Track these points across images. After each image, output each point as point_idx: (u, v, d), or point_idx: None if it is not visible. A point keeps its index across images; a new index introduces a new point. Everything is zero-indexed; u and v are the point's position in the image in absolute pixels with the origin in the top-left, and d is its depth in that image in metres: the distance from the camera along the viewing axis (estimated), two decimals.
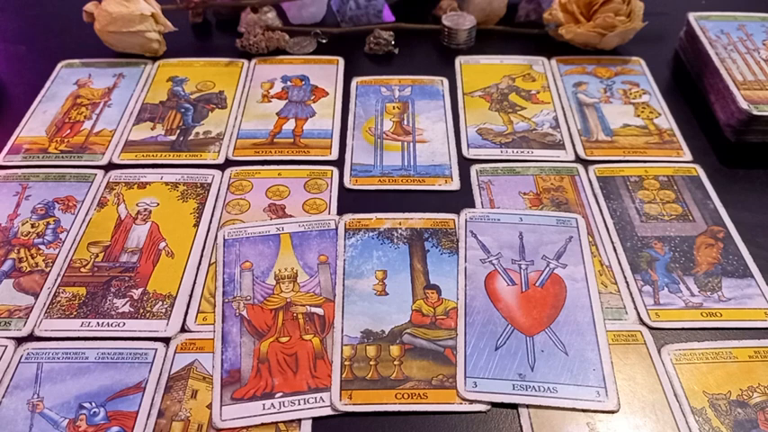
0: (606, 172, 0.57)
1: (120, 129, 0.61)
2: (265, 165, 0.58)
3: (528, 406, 0.41)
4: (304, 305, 0.47)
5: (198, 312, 0.46)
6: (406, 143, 0.60)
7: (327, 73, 0.68)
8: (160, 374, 0.43)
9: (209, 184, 0.56)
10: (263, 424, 0.40)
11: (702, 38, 0.65)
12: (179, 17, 0.72)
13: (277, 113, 0.63)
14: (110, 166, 0.58)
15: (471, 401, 0.41)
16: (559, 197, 0.55)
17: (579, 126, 0.62)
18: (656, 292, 0.48)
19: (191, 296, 0.47)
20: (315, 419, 0.41)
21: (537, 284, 0.48)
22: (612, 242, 0.51)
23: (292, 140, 0.60)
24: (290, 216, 0.53)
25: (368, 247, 0.50)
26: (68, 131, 0.61)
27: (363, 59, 0.70)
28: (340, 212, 0.53)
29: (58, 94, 0.65)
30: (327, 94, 0.65)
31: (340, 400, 0.41)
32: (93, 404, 0.41)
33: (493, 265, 0.49)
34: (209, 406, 0.41)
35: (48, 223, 0.52)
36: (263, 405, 0.41)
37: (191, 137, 0.60)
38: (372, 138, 0.60)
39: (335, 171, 0.57)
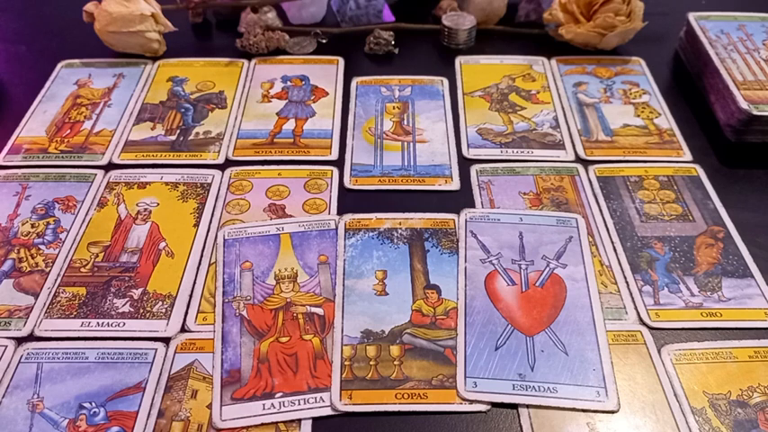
0: (606, 172, 0.57)
1: (120, 129, 0.61)
2: (265, 165, 0.58)
3: (528, 406, 0.41)
4: (304, 305, 0.47)
5: (198, 312, 0.46)
6: (406, 143, 0.60)
7: (327, 73, 0.68)
8: (160, 374, 0.43)
9: (209, 184, 0.56)
10: (263, 424, 0.40)
11: (702, 38, 0.65)
12: (179, 17, 0.72)
13: (277, 113, 0.63)
14: (110, 166, 0.58)
15: (471, 401, 0.41)
16: (559, 197, 0.55)
17: (579, 126, 0.62)
18: (656, 292, 0.48)
19: (191, 296, 0.47)
20: (315, 419, 0.41)
21: (537, 284, 0.48)
22: (612, 242, 0.51)
23: (292, 140, 0.60)
24: (290, 216, 0.53)
25: (368, 247, 0.50)
26: (68, 131, 0.61)
27: (363, 59, 0.70)
28: (340, 212, 0.53)
29: (58, 94, 0.65)
30: (327, 94, 0.65)
31: (340, 400, 0.41)
32: (93, 404, 0.41)
33: (493, 265, 0.49)
34: (210, 406, 0.41)
35: (48, 223, 0.52)
36: (263, 405, 0.41)
37: (191, 137, 0.60)
38: (372, 138, 0.60)
39: (335, 171, 0.57)
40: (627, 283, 0.48)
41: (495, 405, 0.41)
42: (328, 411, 0.41)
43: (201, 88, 0.66)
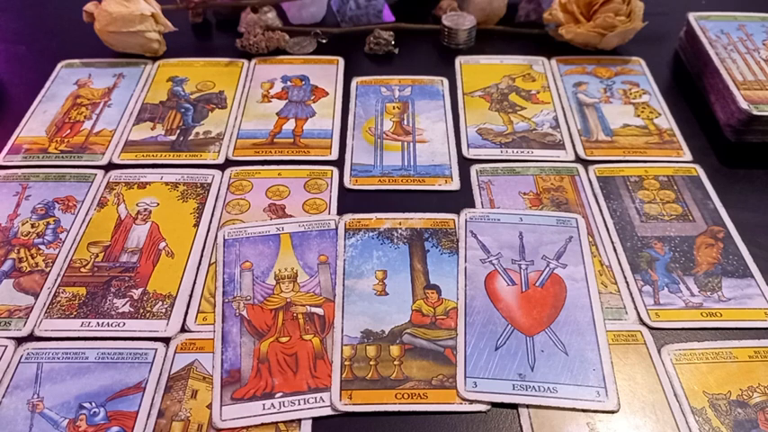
0: (606, 172, 0.57)
1: (120, 129, 0.61)
2: (265, 165, 0.58)
3: (528, 406, 0.41)
4: (304, 305, 0.47)
5: (198, 312, 0.46)
6: (406, 143, 0.60)
7: (327, 73, 0.68)
8: (160, 374, 0.43)
9: (209, 184, 0.56)
10: (263, 424, 0.40)
11: (702, 38, 0.65)
12: (179, 17, 0.72)
13: (277, 113, 0.63)
14: (110, 166, 0.58)
15: (471, 401, 0.41)
16: (559, 197, 0.55)
17: (579, 126, 0.62)
18: (656, 292, 0.48)
19: (191, 296, 0.47)
20: (315, 419, 0.41)
21: (537, 284, 0.48)
22: (612, 242, 0.51)
23: (292, 140, 0.60)
24: (290, 216, 0.53)
25: (368, 247, 0.50)
26: (68, 131, 0.61)
27: (363, 59, 0.70)
28: (340, 212, 0.53)
29: (58, 94, 0.65)
30: (327, 94, 0.65)
31: (340, 400, 0.41)
32: (93, 404, 0.41)
33: (493, 265, 0.49)
34: (210, 406, 0.41)
35: (48, 223, 0.52)
36: (263, 405, 0.41)
37: (191, 137, 0.60)
38: (372, 138, 0.60)
39: (335, 171, 0.57)
40: (627, 283, 0.48)
41: (495, 405, 0.41)
42: (328, 411, 0.41)
43: (201, 88, 0.66)
